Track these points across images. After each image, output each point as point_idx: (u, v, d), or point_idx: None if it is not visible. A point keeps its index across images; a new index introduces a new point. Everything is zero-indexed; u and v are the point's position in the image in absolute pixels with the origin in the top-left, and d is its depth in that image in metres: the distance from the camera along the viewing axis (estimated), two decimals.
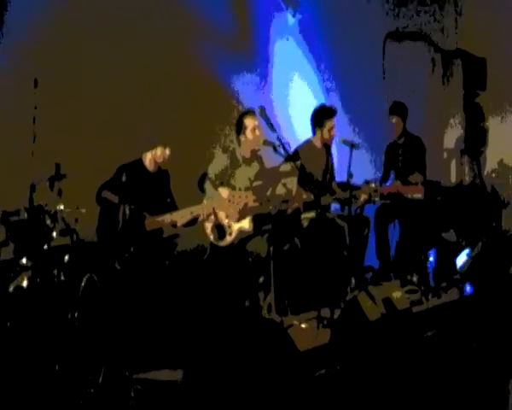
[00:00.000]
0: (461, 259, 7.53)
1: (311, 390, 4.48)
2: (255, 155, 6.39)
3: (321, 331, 5.63)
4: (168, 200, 6.05)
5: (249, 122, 6.27)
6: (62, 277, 5.29)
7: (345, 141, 6.55)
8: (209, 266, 6.12)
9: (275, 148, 5.95)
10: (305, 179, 6.38)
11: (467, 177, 9.67)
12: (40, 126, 5.32)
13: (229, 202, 5.90)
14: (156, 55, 6.96)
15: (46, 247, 5.29)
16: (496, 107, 9.39)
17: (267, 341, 4.47)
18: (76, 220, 5.37)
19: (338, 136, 7.00)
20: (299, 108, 8.04)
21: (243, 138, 6.31)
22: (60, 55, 6.35)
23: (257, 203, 5.95)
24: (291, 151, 6.28)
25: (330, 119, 7.01)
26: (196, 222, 5.88)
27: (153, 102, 6.81)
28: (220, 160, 6.35)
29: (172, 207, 6.02)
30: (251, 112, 6.29)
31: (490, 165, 9.45)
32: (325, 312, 5.80)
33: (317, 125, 7.05)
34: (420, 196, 7.35)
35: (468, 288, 7.05)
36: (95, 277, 5.26)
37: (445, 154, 9.78)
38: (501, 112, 9.34)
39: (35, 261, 5.28)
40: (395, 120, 7.80)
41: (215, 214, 6.02)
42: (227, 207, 5.92)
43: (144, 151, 5.97)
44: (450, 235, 8.25)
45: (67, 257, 5.36)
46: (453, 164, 9.74)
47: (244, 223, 6.10)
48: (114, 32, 6.68)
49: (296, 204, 6.43)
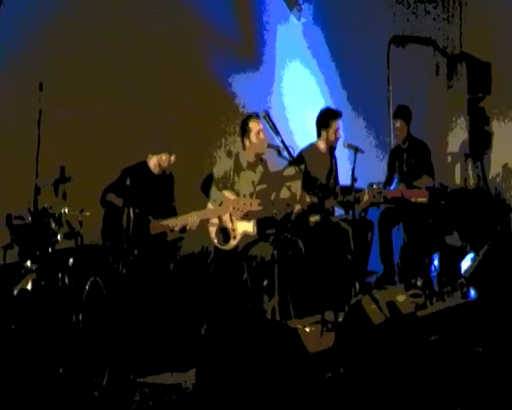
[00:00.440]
0: (465, 263, 7.53)
1: (319, 393, 4.47)
2: (259, 159, 6.39)
3: (325, 335, 5.63)
4: (173, 203, 6.05)
5: (253, 126, 6.26)
6: (67, 280, 5.28)
7: (349, 145, 6.55)
8: (213, 270, 6.12)
9: (279, 151, 5.96)
10: (310, 183, 6.38)
11: (471, 181, 9.66)
12: (45, 130, 5.32)
13: (233, 209, 5.92)
14: (161, 60, 6.96)
15: (51, 250, 5.29)
16: (500, 111, 9.38)
17: (274, 344, 4.47)
18: (80, 223, 5.36)
19: (341, 140, 7.00)
20: (302, 113, 8.03)
21: (247, 142, 6.31)
22: (65, 58, 6.36)
23: (261, 208, 5.95)
24: (295, 155, 6.29)
25: (336, 120, 7.01)
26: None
27: (158, 106, 6.82)
28: (224, 163, 6.36)
29: (174, 210, 6.03)
30: (255, 115, 6.29)
31: (494, 169, 9.44)
32: (329, 315, 5.80)
33: (323, 126, 7.04)
34: (424, 200, 7.35)
35: (473, 292, 7.03)
36: (99, 280, 5.25)
37: (450, 158, 9.76)
38: (505, 116, 9.33)
39: (39, 264, 5.28)
40: (399, 124, 7.79)
41: (219, 218, 6.04)
42: (232, 212, 5.94)
43: (150, 154, 6.00)
44: (454, 239, 8.24)
45: (72, 260, 5.35)
46: (457, 168, 9.73)
47: (248, 227, 6.10)
48: (121, 38, 6.69)
49: (300, 208, 6.43)
